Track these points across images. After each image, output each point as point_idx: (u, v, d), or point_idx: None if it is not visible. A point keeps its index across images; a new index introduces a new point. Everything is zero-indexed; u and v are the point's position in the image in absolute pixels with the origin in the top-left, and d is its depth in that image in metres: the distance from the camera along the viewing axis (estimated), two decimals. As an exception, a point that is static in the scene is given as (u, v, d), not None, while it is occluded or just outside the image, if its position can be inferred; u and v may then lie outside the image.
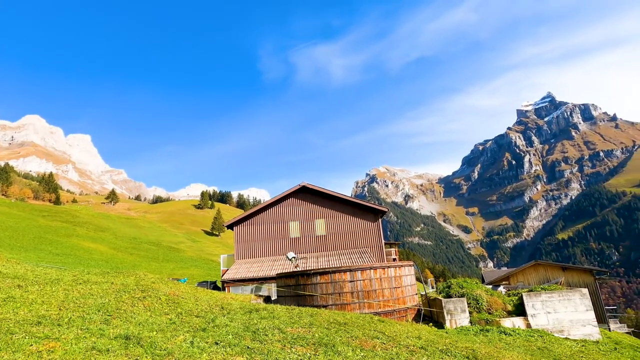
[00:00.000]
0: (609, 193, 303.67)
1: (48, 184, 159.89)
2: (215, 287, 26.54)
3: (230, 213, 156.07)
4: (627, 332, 30.18)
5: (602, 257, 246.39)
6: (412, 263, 16.48)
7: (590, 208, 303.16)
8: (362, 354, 6.05)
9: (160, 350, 5.20)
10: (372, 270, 14.41)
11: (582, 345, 12.26)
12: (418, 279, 38.01)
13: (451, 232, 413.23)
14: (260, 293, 21.31)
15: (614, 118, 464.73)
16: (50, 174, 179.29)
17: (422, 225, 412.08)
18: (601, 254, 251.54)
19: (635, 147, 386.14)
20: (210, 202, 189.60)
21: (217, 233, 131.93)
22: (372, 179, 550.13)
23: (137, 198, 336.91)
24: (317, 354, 5.80)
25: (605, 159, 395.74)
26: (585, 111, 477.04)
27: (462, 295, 15.24)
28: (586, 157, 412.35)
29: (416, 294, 16.14)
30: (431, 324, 14.21)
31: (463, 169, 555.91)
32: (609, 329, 25.40)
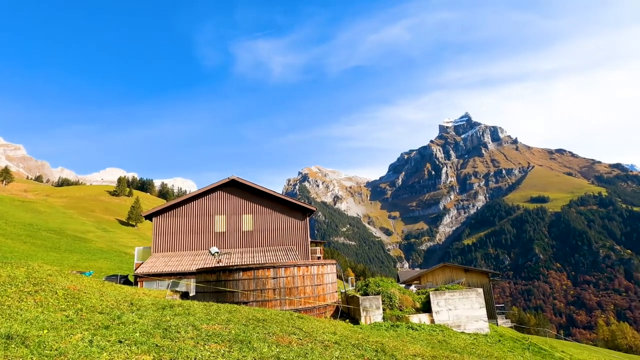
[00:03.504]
0: (506, 206, 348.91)
1: None
2: (126, 281, 24.46)
3: (151, 203, 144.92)
4: (510, 327, 34.98)
5: (497, 261, 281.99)
6: (334, 262, 17.05)
7: (491, 218, 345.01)
8: (277, 350, 6.09)
9: (51, 350, 4.63)
10: (295, 268, 14.58)
11: (474, 338, 13.91)
12: (339, 277, 39.44)
13: (374, 233, 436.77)
14: (178, 289, 20.18)
15: (515, 141, 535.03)
16: None
17: (348, 225, 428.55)
18: (497, 258, 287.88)
19: (530, 168, 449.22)
20: (128, 189, 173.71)
21: (134, 223, 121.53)
22: (304, 177, 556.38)
23: (38, 179, 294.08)
24: (232, 350, 5.69)
25: (506, 176, 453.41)
26: (494, 133, 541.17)
27: (378, 293, 16.22)
28: (492, 173, 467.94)
29: (336, 292, 16.74)
30: (348, 320, 14.86)
31: (389, 175, 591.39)
32: (497, 324, 29.17)
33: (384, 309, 15.54)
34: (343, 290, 18.37)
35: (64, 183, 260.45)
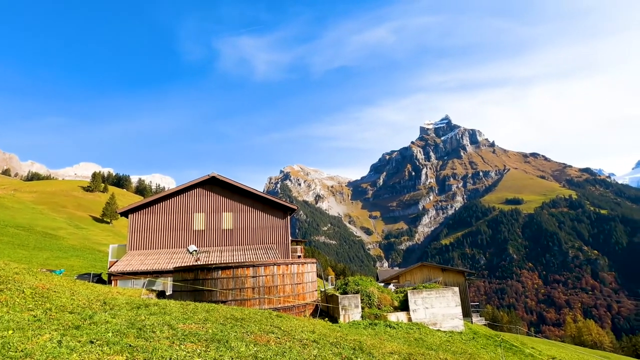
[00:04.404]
0: (483, 207, 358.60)
1: None
2: (100, 280, 23.70)
3: (127, 199, 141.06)
4: (484, 324, 36.00)
5: (473, 261, 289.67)
6: (314, 260, 17.08)
7: (468, 219, 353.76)
8: (255, 349, 6.04)
9: (16, 351, 4.43)
10: (275, 267, 14.52)
11: (449, 336, 14.25)
12: (319, 276, 39.54)
13: (354, 233, 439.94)
14: (154, 287, 19.73)
15: (492, 144, 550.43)
16: None
17: (329, 225, 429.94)
18: (473, 258, 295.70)
19: (505, 171, 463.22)
20: (103, 184, 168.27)
21: (109, 220, 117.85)
22: (286, 176, 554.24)
23: (6, 173, 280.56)
24: (209, 350, 5.61)
25: (483, 178, 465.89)
26: (473, 136, 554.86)
27: (357, 292, 16.37)
28: (469, 175, 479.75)
29: (316, 291, 16.78)
30: (327, 319, 14.93)
31: (370, 175, 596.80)
32: (472, 322, 29.96)
33: (362, 308, 15.69)
34: (323, 289, 18.42)
35: (33, 177, 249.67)
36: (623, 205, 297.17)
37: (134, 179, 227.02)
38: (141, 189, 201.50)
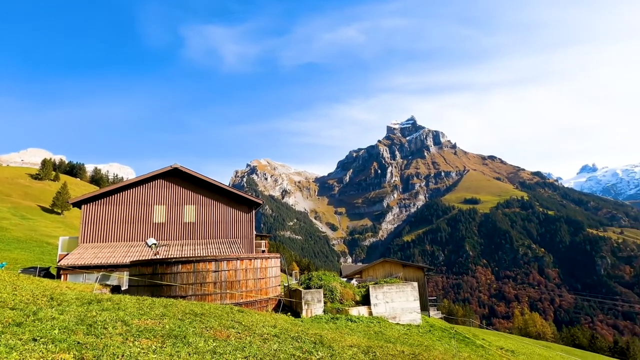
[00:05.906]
0: (443, 206, 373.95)
1: None
2: (47, 274, 22.23)
3: (81, 189, 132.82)
4: (441, 317, 37.67)
5: (433, 257, 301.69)
6: (278, 255, 17.01)
7: (429, 217, 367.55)
8: (214, 344, 5.94)
9: (-54, 351, 4.05)
10: (238, 261, 14.31)
11: (408, 329, 14.77)
12: (283, 271, 39.47)
13: (320, 228, 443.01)
14: (108, 282, 18.78)
15: (454, 146, 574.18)
16: None
17: (295, 220, 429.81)
18: (432, 254, 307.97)
19: (465, 172, 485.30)
20: (54, 173, 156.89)
21: (60, 211, 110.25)
22: (253, 170, 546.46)
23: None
24: (164, 346, 5.43)
25: (444, 178, 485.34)
26: (436, 137, 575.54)
27: (320, 287, 16.52)
28: (432, 174, 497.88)
29: (279, 285, 16.74)
30: (289, 313, 14.95)
31: (337, 171, 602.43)
32: (429, 315, 31.25)
33: (325, 302, 15.87)
34: (286, 284, 18.42)
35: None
36: (568, 207, 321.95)
37: (90, 168, 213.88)
38: (97, 179, 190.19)
